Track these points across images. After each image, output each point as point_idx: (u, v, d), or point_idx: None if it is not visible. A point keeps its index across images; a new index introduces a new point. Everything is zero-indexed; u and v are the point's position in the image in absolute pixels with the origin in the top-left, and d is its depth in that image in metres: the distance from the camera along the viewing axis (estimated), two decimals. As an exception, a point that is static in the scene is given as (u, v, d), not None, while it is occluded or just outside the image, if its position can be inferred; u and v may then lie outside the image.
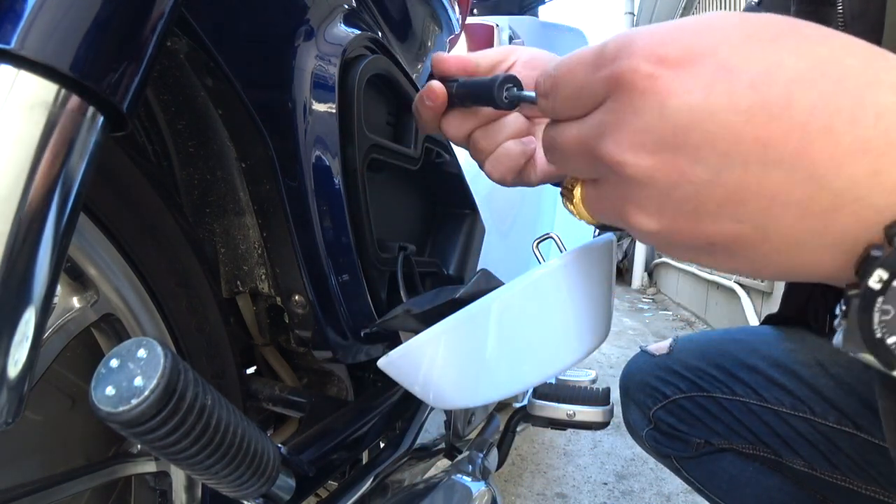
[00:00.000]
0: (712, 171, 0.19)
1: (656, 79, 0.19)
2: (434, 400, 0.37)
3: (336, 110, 0.49)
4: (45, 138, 0.23)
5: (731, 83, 0.18)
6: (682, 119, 0.19)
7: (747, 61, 0.19)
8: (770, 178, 0.19)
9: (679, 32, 0.20)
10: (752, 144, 0.18)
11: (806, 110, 0.18)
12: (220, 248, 0.53)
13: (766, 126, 0.18)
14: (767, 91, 0.18)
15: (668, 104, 0.19)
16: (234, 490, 0.34)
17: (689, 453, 0.74)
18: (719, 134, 0.19)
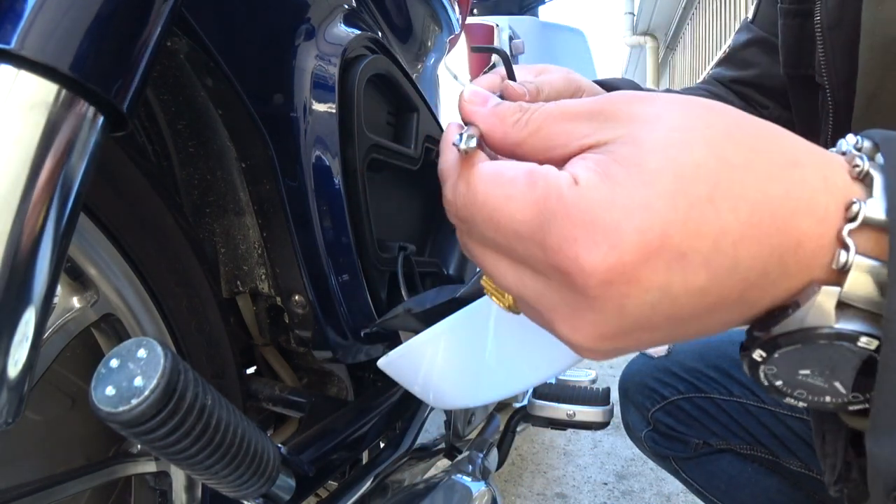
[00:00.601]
0: (667, 334, 0.21)
1: (612, 285, 0.19)
2: (434, 400, 0.37)
3: (336, 110, 0.49)
4: (45, 138, 0.23)
5: (685, 270, 0.19)
6: (643, 312, 0.20)
7: (698, 239, 0.19)
8: (714, 318, 0.21)
9: (625, 219, 0.19)
10: (705, 308, 0.20)
11: (748, 266, 0.19)
12: (220, 248, 0.53)
13: (717, 292, 0.20)
14: (718, 265, 0.19)
15: (626, 304, 0.20)
16: (234, 490, 0.34)
17: (688, 454, 0.74)
18: (676, 312, 0.20)
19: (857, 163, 0.20)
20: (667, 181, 0.19)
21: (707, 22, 5.00)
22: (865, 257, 0.19)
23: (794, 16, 0.51)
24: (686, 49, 6.04)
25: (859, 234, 0.19)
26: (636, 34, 7.11)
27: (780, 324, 0.20)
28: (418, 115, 0.62)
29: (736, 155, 0.20)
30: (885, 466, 0.19)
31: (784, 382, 0.22)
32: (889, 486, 0.19)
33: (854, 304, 0.20)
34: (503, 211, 0.21)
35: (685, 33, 6.09)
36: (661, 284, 0.19)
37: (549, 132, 0.22)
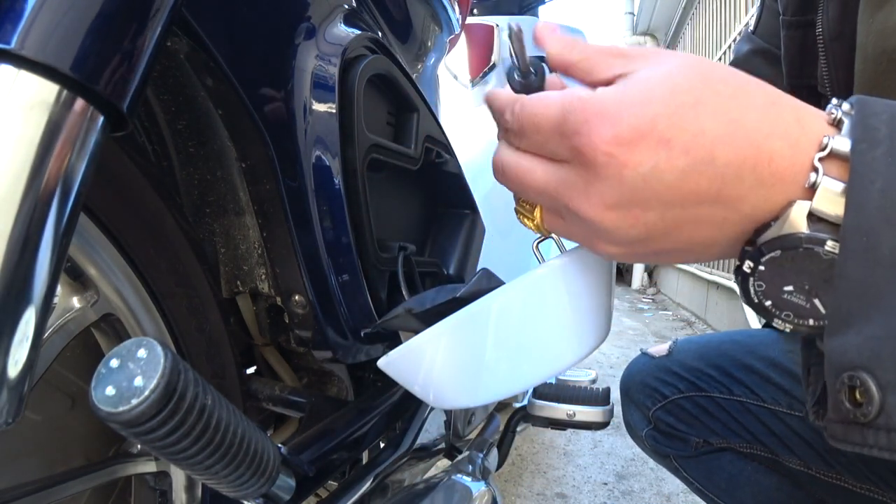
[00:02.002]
0: (659, 215, 0.26)
1: (613, 156, 0.25)
2: (434, 400, 0.37)
3: (336, 110, 0.49)
4: (45, 138, 0.23)
5: (669, 152, 0.25)
6: (637, 183, 0.25)
7: (680, 131, 0.25)
8: (698, 211, 0.26)
9: (626, 110, 0.25)
10: (687, 194, 0.25)
11: (724, 163, 0.25)
12: (220, 248, 0.53)
13: (696, 180, 0.25)
14: (696, 154, 0.24)
15: (624, 174, 0.25)
16: (234, 490, 0.34)
17: (688, 453, 0.74)
18: (664, 190, 0.25)
19: (833, 112, 0.25)
20: (663, 90, 0.25)
21: (707, 22, 5.00)
22: (832, 178, 0.24)
23: (797, 27, 0.51)
24: (686, 49, 6.03)
25: (828, 162, 0.24)
26: (636, 34, 7.11)
27: (763, 235, 0.25)
28: (418, 115, 0.62)
29: (725, 88, 0.25)
30: (836, 357, 0.23)
31: (772, 302, 0.26)
32: (839, 371, 0.23)
33: (823, 217, 0.24)
34: (543, 114, 0.28)
35: (685, 33, 6.08)
36: (650, 160, 0.25)
37: (595, 61, 0.29)
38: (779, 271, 0.25)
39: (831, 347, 0.23)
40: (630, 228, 0.26)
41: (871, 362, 0.22)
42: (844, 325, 0.23)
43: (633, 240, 0.27)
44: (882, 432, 0.22)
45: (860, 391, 0.23)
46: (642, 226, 0.26)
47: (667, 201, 0.25)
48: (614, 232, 0.27)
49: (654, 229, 0.26)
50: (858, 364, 0.23)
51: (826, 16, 0.46)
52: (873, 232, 0.22)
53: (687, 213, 0.26)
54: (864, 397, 0.23)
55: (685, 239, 0.27)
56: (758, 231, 0.25)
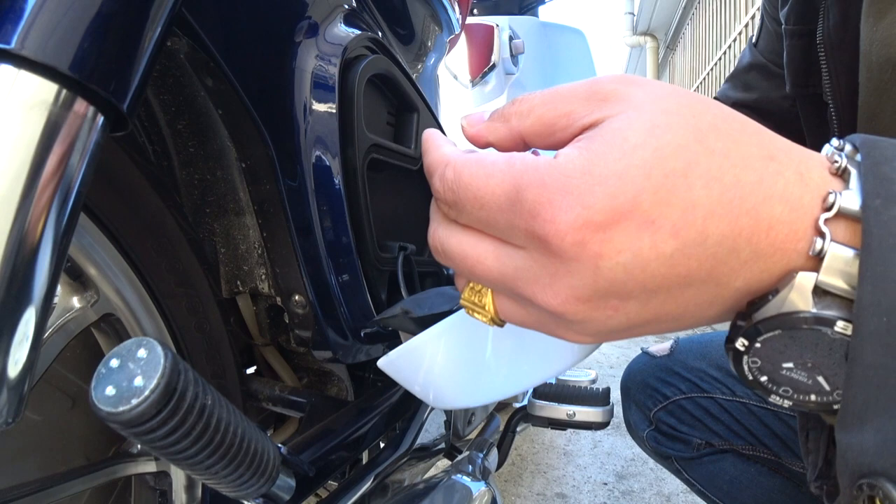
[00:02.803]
0: (641, 304, 0.22)
1: (584, 245, 0.20)
2: (434, 400, 0.37)
3: (336, 110, 0.49)
4: (45, 138, 0.23)
5: (654, 236, 0.20)
6: (616, 275, 0.21)
7: (668, 208, 0.20)
8: (685, 293, 0.22)
9: (599, 185, 0.20)
10: (675, 279, 0.21)
11: (717, 241, 0.20)
12: (220, 248, 0.53)
13: (686, 264, 0.21)
14: (686, 234, 0.20)
15: (600, 265, 0.20)
16: (234, 490, 0.34)
17: (690, 454, 0.74)
18: (648, 280, 0.21)
19: (836, 159, 0.22)
20: (645, 154, 0.20)
21: (707, 22, 5.00)
22: (841, 245, 0.20)
23: (799, 36, 0.51)
24: (686, 49, 6.03)
25: (835, 224, 0.20)
26: (636, 34, 7.11)
27: (761, 310, 0.21)
28: (418, 115, 0.62)
29: (717, 143, 0.21)
30: (852, 456, 0.20)
31: (768, 378, 0.23)
32: (855, 475, 0.20)
33: (831, 291, 0.20)
34: (486, 188, 0.22)
35: (685, 33, 6.09)
36: (632, 247, 0.20)
37: (550, 116, 0.23)
38: (778, 349, 0.22)
39: (846, 444, 0.20)
40: (608, 320, 0.23)
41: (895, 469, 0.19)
42: (860, 420, 0.20)
43: (611, 330, 0.23)
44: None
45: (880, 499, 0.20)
46: (622, 316, 0.22)
47: (651, 289, 0.21)
48: (588, 323, 0.23)
49: (634, 319, 0.23)
50: (880, 470, 0.19)
51: (826, 24, 0.46)
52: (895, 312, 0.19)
53: (672, 296, 0.22)
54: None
55: (669, 319, 0.23)
56: (753, 303, 0.22)
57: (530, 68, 1.78)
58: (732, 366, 0.23)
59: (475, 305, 0.26)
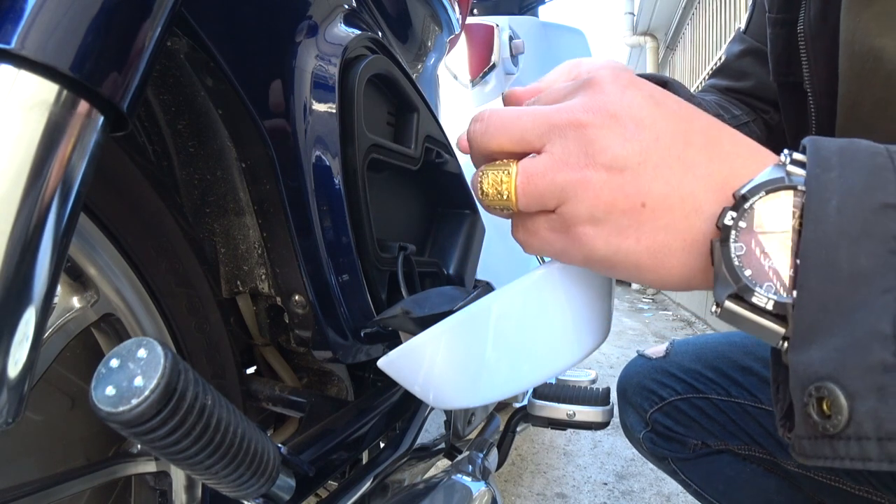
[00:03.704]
0: (653, 136, 0.27)
1: (618, 78, 0.29)
2: (434, 400, 0.37)
3: (336, 110, 0.49)
4: (45, 138, 0.23)
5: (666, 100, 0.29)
6: (634, 101, 0.28)
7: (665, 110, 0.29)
8: (686, 152, 0.27)
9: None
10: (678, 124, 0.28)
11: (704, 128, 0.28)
12: (220, 248, 0.53)
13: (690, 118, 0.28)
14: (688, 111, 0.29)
15: (626, 92, 0.29)
16: (234, 490, 0.34)
17: (686, 455, 0.74)
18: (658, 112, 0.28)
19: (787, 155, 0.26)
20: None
21: (707, 22, 5.00)
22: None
23: (782, 25, 0.52)
24: (686, 49, 6.03)
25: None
26: (636, 34, 7.11)
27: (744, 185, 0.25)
28: (418, 115, 0.62)
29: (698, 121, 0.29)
30: (802, 370, 0.23)
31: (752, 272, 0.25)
32: (805, 385, 0.23)
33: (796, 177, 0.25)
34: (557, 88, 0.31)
35: (685, 33, 6.08)
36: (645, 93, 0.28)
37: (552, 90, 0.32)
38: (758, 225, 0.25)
39: (796, 362, 0.23)
40: (625, 142, 0.27)
41: (837, 372, 0.22)
42: (808, 340, 0.23)
43: (626, 162, 0.27)
44: (853, 442, 0.22)
45: (827, 402, 0.22)
46: (637, 143, 0.27)
47: (660, 126, 0.27)
48: (610, 141, 0.27)
49: (646, 151, 0.27)
50: (824, 375, 0.22)
51: (808, 13, 0.47)
52: (832, 246, 0.23)
53: (676, 146, 0.27)
54: (831, 409, 0.22)
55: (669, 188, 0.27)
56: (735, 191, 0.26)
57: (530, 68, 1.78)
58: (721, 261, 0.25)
59: (499, 172, 0.30)
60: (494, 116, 0.30)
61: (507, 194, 0.30)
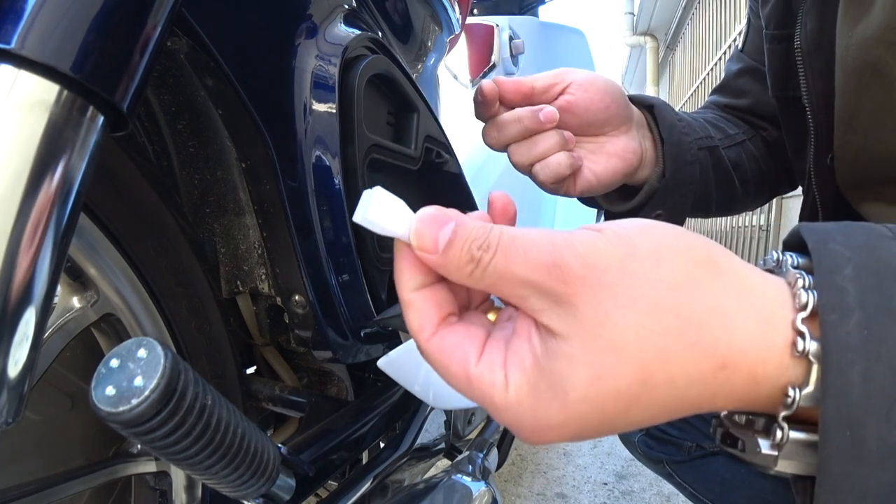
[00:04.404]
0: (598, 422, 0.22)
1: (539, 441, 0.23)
2: (434, 400, 0.37)
3: (336, 110, 0.49)
4: (45, 138, 0.23)
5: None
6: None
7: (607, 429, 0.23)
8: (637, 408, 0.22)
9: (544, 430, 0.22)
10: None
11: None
12: (220, 248, 0.53)
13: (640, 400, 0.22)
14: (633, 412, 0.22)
15: None
16: (234, 490, 0.34)
17: (681, 457, 0.74)
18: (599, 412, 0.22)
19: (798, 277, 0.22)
20: (585, 409, 0.21)
21: (707, 22, 5.00)
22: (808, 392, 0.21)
23: (779, 41, 0.53)
24: (686, 49, 6.03)
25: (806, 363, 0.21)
26: (636, 34, 7.11)
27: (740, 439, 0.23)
28: (418, 115, 0.62)
29: (661, 372, 0.21)
30: None
31: None
32: None
33: None
34: None
35: (685, 33, 6.08)
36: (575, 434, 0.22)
37: (503, 291, 0.23)
38: None
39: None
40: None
41: None
42: None
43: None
44: None
45: None
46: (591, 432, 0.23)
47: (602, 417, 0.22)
48: None
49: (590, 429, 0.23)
50: None
51: (804, 29, 0.47)
52: (858, 425, 0.19)
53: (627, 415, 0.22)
54: None
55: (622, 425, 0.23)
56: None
57: (530, 68, 1.78)
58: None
59: None
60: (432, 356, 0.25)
61: None
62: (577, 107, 0.48)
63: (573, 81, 0.48)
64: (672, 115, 0.57)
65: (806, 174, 0.53)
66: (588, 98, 0.48)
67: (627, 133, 0.52)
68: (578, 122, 0.49)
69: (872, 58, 0.39)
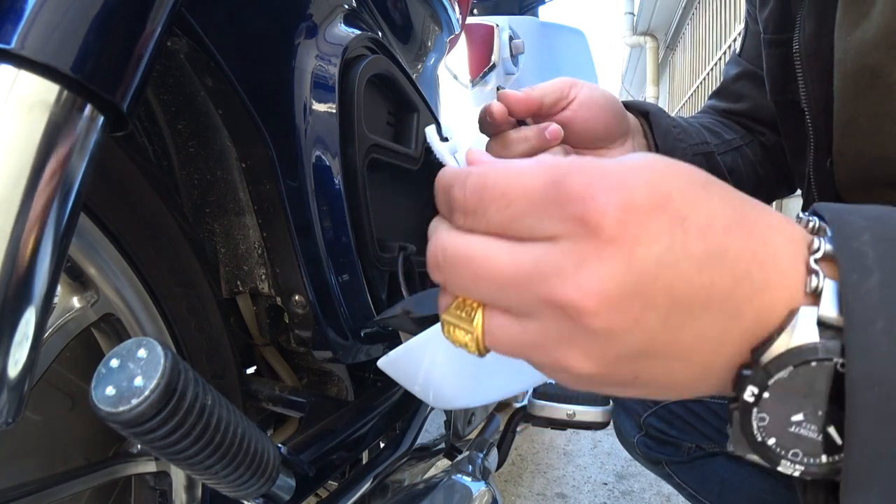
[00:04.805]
0: (662, 318, 0.20)
1: (626, 225, 0.19)
2: (434, 400, 0.37)
3: (336, 110, 0.49)
4: (45, 138, 0.23)
5: (685, 234, 0.20)
6: (648, 266, 0.20)
7: (695, 209, 0.20)
8: (703, 320, 0.21)
9: (636, 175, 0.20)
10: (699, 290, 0.20)
11: (735, 258, 0.20)
12: (220, 248, 0.53)
13: (710, 274, 0.20)
14: (711, 241, 0.20)
15: (636, 252, 0.20)
16: (234, 490, 0.34)
17: (681, 458, 0.74)
18: (676, 281, 0.20)
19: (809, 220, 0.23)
20: (665, 166, 0.21)
21: (707, 22, 5.00)
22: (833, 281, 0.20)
23: (777, 45, 0.53)
24: (686, 49, 6.03)
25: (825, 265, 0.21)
26: (636, 34, 7.11)
27: (768, 351, 0.21)
28: (418, 115, 0.62)
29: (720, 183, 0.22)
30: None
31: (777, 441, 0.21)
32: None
33: (833, 325, 0.20)
34: (517, 183, 0.21)
35: (685, 33, 6.08)
36: (666, 239, 0.20)
37: None
38: (786, 397, 0.21)
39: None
40: (624, 333, 0.20)
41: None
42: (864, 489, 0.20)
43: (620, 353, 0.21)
44: None
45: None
46: (640, 331, 0.20)
47: (675, 299, 0.20)
48: (600, 334, 0.20)
49: (651, 339, 0.21)
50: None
51: (802, 33, 0.47)
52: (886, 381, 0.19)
53: (692, 319, 0.21)
54: None
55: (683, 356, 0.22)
56: (757, 349, 0.21)
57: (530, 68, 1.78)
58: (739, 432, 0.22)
59: (460, 322, 0.24)
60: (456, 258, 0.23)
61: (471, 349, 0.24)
62: (576, 124, 0.49)
63: (576, 97, 0.49)
64: (667, 122, 0.57)
65: (805, 177, 0.53)
66: (588, 116, 0.49)
67: (624, 145, 0.53)
68: (578, 138, 0.50)
69: (871, 61, 0.39)
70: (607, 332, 0.20)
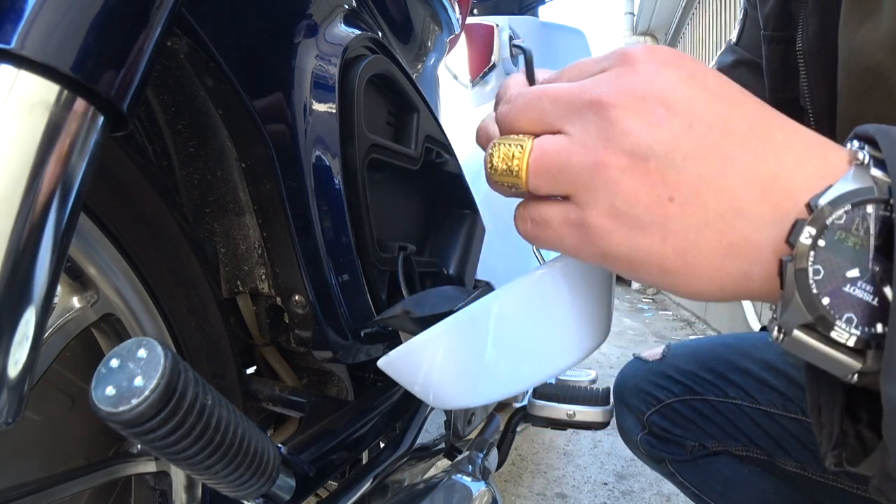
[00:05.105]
0: (686, 123, 0.24)
1: (655, 54, 0.26)
2: (434, 400, 0.37)
3: (336, 110, 0.49)
4: (45, 138, 0.23)
5: (705, 77, 0.26)
6: (670, 83, 0.25)
7: (714, 73, 0.26)
8: (730, 146, 0.24)
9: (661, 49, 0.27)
10: (717, 122, 0.24)
11: (753, 109, 0.26)
12: (220, 248, 0.53)
13: (728, 107, 0.25)
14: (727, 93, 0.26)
15: (660, 72, 0.26)
16: (234, 490, 0.34)
17: (684, 457, 0.74)
18: (694, 97, 0.25)
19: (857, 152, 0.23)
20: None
21: (707, 22, 5.00)
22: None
23: (778, 42, 0.52)
24: (686, 49, 6.03)
25: None
26: (636, 34, 7.11)
27: (825, 195, 0.21)
28: (418, 115, 0.62)
29: None
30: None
31: (832, 299, 0.21)
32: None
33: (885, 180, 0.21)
34: (583, 63, 0.29)
35: (685, 33, 6.09)
36: (684, 72, 0.25)
37: None
38: (841, 249, 0.21)
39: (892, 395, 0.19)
40: (651, 128, 0.24)
41: None
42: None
43: (648, 150, 0.24)
44: None
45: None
46: (666, 130, 0.24)
47: (695, 110, 0.24)
48: (632, 129, 0.24)
49: (676, 140, 0.23)
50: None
51: (805, 32, 0.47)
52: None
53: (713, 134, 0.24)
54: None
55: (701, 182, 0.23)
56: (809, 205, 0.22)
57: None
58: (794, 282, 0.21)
59: (514, 140, 0.28)
60: (520, 98, 0.28)
61: (517, 170, 0.28)
62: None
63: None
64: None
65: None
66: None
67: None
68: None
69: (876, 62, 0.39)
70: (637, 128, 0.24)
